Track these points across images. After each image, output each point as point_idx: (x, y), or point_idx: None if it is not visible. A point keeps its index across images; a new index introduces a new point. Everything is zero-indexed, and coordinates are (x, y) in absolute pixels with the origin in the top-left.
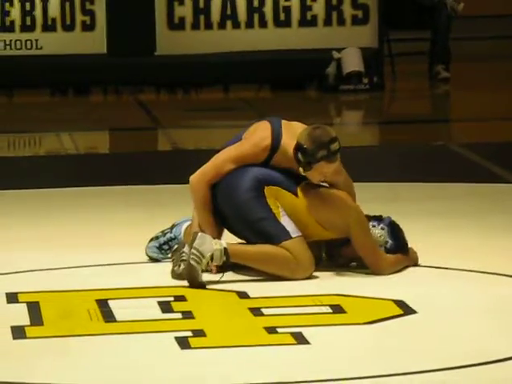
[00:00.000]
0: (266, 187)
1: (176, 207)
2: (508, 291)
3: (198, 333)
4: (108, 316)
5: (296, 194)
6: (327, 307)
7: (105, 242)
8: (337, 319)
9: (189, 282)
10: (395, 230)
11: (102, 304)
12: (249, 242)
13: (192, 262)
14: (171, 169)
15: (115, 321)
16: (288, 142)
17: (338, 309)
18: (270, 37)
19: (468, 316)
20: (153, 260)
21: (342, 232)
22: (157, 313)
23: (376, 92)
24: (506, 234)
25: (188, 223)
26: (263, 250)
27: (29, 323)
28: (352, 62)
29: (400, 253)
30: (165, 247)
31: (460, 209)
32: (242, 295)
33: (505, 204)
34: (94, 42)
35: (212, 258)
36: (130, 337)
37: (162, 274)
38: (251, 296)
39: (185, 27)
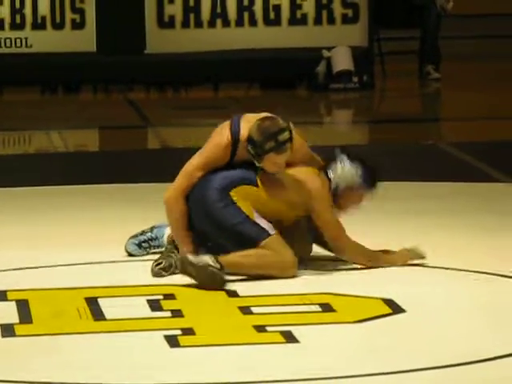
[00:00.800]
0: (231, 191)
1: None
2: (497, 290)
3: (188, 331)
4: (97, 314)
5: (257, 186)
6: (316, 306)
7: (94, 240)
8: (326, 318)
9: (216, 285)
10: (350, 154)
11: (92, 302)
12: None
13: (210, 268)
14: (160, 167)
15: (105, 319)
16: (246, 134)
17: (327, 307)
18: (260, 35)
19: (457, 315)
20: (131, 256)
21: (307, 210)
22: (146, 311)
23: (366, 91)
24: (495, 233)
25: (168, 229)
26: (250, 254)
27: (18, 321)
28: (342, 61)
29: (374, 172)
30: (144, 245)
31: (449, 208)
32: (232, 294)
33: (493, 203)
34: (84, 41)
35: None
36: (120, 335)
37: (151, 273)
38: (240, 295)
39: (175, 25)
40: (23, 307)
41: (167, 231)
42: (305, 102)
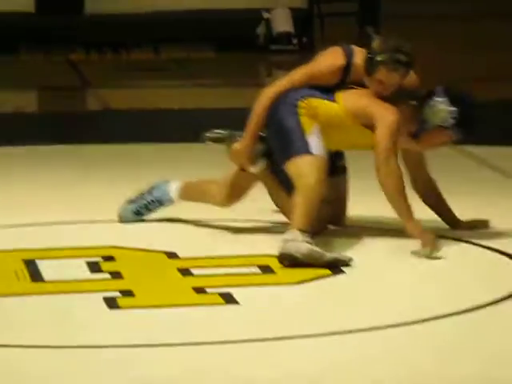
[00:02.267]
0: (300, 102)
1: (107, 167)
2: (442, 253)
3: (127, 293)
4: (35, 276)
5: (334, 101)
6: (256, 268)
7: (32, 202)
8: (266, 279)
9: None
10: (454, 94)
11: (30, 264)
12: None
13: (310, 248)
14: (102, 128)
15: (43, 281)
16: (359, 61)
17: (267, 269)
18: None
19: (396, 276)
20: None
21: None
22: (85, 273)
23: (305, 52)
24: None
25: (175, 185)
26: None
27: None
28: (282, 23)
29: (469, 112)
30: (142, 211)
31: None
32: (171, 255)
33: (437, 164)
34: (22, 1)
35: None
36: (58, 297)
37: (90, 234)
38: (180, 256)
39: None
40: None
41: (172, 186)
42: (245, 63)
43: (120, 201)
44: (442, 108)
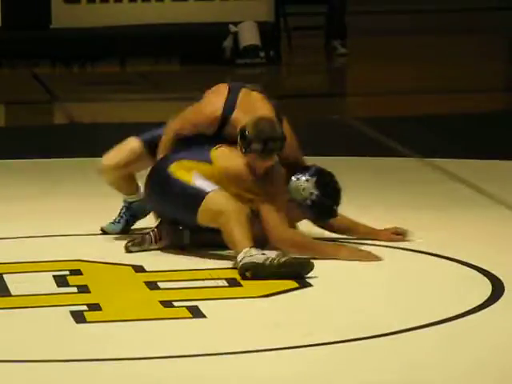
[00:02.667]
0: (170, 166)
1: (71, 181)
2: (399, 264)
3: (94, 307)
4: (3, 290)
5: (208, 161)
6: (223, 281)
7: None
8: (233, 293)
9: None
10: (323, 179)
11: None
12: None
13: (266, 255)
14: (67, 142)
15: (10, 295)
16: (239, 116)
17: (233, 282)
18: (167, 10)
19: (362, 288)
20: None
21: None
22: (52, 287)
23: (273, 66)
24: (397, 207)
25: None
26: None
27: None
28: (249, 36)
29: (328, 202)
30: (126, 228)
31: (351, 182)
32: (138, 269)
33: (397, 177)
34: None
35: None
36: (25, 311)
37: (57, 248)
38: (147, 270)
39: (80, 0)
40: None
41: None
42: (212, 76)
43: (86, 215)
44: (305, 186)
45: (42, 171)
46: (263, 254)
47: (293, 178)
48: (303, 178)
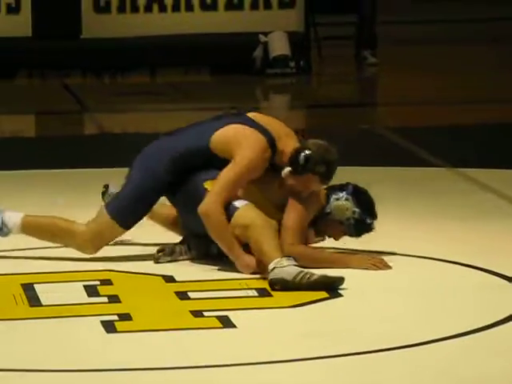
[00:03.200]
0: (205, 182)
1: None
2: (429, 274)
3: (124, 317)
4: (33, 300)
5: None
6: (253, 291)
7: None
8: (263, 303)
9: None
10: (360, 196)
11: (28, 288)
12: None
13: (298, 269)
14: (98, 152)
15: (41, 305)
16: (282, 141)
17: (264, 292)
18: (197, 20)
19: (393, 299)
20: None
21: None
22: (83, 297)
23: (303, 76)
24: (427, 218)
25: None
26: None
27: None
28: (279, 46)
29: (369, 219)
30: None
31: (381, 192)
32: (168, 279)
33: (428, 188)
34: (20, 25)
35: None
36: (56, 321)
37: (88, 259)
38: (177, 280)
39: (111, 10)
40: None
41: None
42: (242, 87)
43: None
44: (348, 206)
45: (73, 181)
46: (295, 264)
47: (332, 197)
48: (343, 198)
